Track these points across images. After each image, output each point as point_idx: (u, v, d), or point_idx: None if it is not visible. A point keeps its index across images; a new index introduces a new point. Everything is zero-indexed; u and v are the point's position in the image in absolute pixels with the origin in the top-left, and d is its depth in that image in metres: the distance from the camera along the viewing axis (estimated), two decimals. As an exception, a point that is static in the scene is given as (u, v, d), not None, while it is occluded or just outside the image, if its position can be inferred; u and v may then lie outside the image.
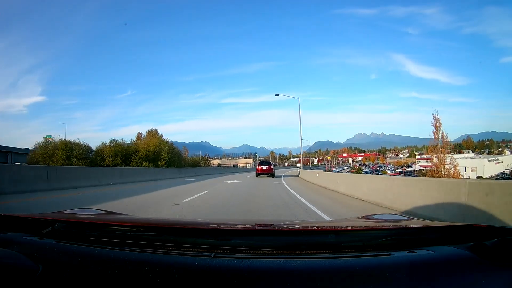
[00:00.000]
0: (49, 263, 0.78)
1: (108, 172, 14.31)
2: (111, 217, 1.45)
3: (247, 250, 0.86)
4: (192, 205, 6.44)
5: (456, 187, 4.29)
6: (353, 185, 8.72)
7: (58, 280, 0.73)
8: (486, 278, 0.73)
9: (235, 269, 0.74)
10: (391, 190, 6.36)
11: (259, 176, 20.80)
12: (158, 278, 0.71)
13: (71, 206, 2.43)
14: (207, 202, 7.13)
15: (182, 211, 5.52)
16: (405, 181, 6.72)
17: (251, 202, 7.13)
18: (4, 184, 7.77)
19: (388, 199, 6.17)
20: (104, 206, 4.52)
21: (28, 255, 0.79)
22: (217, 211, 5.93)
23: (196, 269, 0.73)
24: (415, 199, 5.23)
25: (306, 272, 0.73)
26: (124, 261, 0.77)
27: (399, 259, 0.80)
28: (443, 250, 0.84)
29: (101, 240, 0.93)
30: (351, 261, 0.79)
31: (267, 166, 21.98)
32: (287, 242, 0.94)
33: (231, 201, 7.31)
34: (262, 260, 0.79)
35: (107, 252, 0.84)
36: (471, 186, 4.03)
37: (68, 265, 0.78)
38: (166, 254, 0.83)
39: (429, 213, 4.62)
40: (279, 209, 5.96)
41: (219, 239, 0.91)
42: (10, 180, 8.11)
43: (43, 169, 10.64)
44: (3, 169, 8.82)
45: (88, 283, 0.73)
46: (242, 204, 6.76)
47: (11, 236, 0.95)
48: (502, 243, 0.80)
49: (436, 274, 0.73)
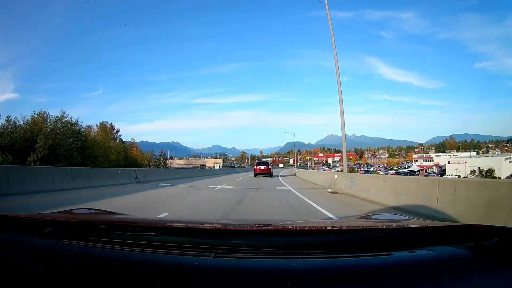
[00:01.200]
0: (49, 263, 0.78)
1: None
2: (111, 217, 1.45)
3: (247, 250, 0.86)
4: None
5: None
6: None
7: (58, 280, 0.73)
8: (486, 278, 0.74)
9: (235, 269, 0.74)
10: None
11: (257, 176, 20.72)
12: (158, 278, 0.71)
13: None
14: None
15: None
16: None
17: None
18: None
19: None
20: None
21: (28, 255, 0.79)
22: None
23: (196, 269, 0.73)
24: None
25: (306, 272, 0.73)
26: (124, 261, 0.77)
27: (399, 259, 0.80)
28: (443, 250, 0.85)
29: (101, 240, 0.93)
30: (351, 261, 0.79)
31: (265, 166, 22.01)
32: (287, 242, 0.94)
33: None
34: (262, 260, 0.79)
35: (107, 252, 0.84)
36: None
37: (68, 265, 0.78)
38: (166, 254, 0.83)
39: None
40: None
41: (219, 239, 0.91)
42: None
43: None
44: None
45: (88, 283, 0.73)
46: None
47: (11, 236, 0.95)
48: (502, 243, 0.80)
49: (436, 274, 0.74)
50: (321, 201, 7.39)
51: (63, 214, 1.38)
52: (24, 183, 8.46)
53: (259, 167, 21.96)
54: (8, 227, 1.00)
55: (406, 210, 5.29)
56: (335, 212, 5.61)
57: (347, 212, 5.95)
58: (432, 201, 4.83)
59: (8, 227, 1.00)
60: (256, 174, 21.30)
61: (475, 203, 3.95)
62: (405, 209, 5.32)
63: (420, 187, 5.54)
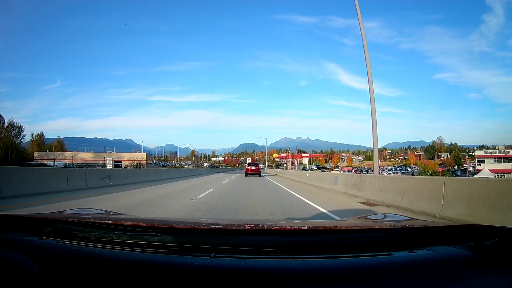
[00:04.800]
0: (49, 263, 0.78)
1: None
2: (111, 217, 1.45)
3: (247, 250, 0.86)
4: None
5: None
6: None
7: (58, 280, 0.73)
8: (486, 278, 0.74)
9: (235, 269, 0.74)
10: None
11: (248, 175, 23.08)
12: (158, 278, 0.71)
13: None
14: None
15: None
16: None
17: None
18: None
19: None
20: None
21: (28, 255, 0.79)
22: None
23: (196, 269, 0.73)
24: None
25: (306, 272, 0.73)
26: (124, 261, 0.77)
27: (399, 259, 0.80)
28: (443, 250, 0.85)
29: (101, 240, 0.93)
30: (351, 261, 0.79)
31: (255, 167, 25.21)
32: (287, 242, 0.94)
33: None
34: (262, 260, 0.79)
35: (107, 252, 0.84)
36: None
37: (68, 265, 0.78)
38: (166, 254, 0.83)
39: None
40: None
41: (219, 239, 0.91)
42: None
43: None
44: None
45: (88, 283, 0.73)
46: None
47: (11, 236, 0.95)
48: (502, 243, 0.80)
49: (436, 274, 0.74)
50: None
51: (63, 214, 1.38)
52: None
53: (250, 168, 24.87)
54: (8, 227, 1.01)
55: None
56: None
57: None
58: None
59: (8, 227, 1.01)
60: (247, 173, 23.89)
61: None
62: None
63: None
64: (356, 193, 8.71)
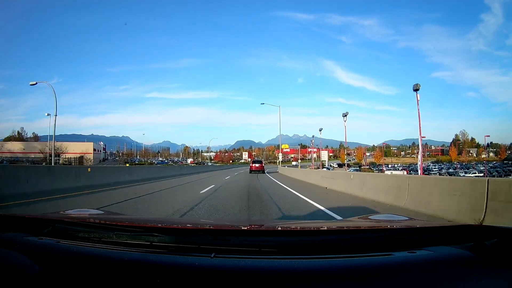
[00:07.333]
0: (49, 263, 0.78)
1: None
2: (111, 217, 1.45)
3: (247, 250, 0.86)
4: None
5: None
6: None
7: (58, 280, 0.73)
8: (486, 278, 0.74)
9: (235, 269, 0.74)
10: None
11: (252, 172, 23.85)
12: (158, 278, 0.71)
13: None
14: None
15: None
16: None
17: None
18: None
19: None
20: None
21: (28, 255, 0.79)
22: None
23: (196, 269, 0.73)
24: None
25: (306, 273, 0.73)
26: (124, 261, 0.77)
27: (399, 259, 0.80)
28: (443, 250, 0.85)
29: (101, 240, 0.93)
30: (351, 261, 0.79)
31: (259, 164, 25.91)
32: (287, 242, 0.94)
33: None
34: (262, 260, 0.79)
35: (107, 252, 0.84)
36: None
37: (68, 265, 0.78)
38: (166, 254, 0.83)
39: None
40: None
41: (219, 239, 0.90)
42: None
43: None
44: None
45: (88, 283, 0.73)
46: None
47: (11, 236, 0.95)
48: (502, 243, 0.80)
49: (436, 274, 0.74)
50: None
51: (63, 214, 1.37)
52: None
53: (254, 165, 25.53)
54: (8, 227, 1.00)
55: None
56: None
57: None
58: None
59: (8, 227, 1.00)
60: (252, 170, 24.54)
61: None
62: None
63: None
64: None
